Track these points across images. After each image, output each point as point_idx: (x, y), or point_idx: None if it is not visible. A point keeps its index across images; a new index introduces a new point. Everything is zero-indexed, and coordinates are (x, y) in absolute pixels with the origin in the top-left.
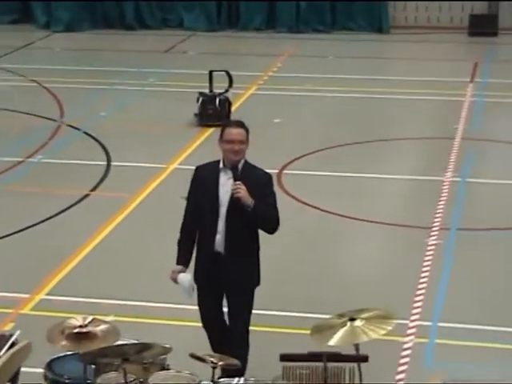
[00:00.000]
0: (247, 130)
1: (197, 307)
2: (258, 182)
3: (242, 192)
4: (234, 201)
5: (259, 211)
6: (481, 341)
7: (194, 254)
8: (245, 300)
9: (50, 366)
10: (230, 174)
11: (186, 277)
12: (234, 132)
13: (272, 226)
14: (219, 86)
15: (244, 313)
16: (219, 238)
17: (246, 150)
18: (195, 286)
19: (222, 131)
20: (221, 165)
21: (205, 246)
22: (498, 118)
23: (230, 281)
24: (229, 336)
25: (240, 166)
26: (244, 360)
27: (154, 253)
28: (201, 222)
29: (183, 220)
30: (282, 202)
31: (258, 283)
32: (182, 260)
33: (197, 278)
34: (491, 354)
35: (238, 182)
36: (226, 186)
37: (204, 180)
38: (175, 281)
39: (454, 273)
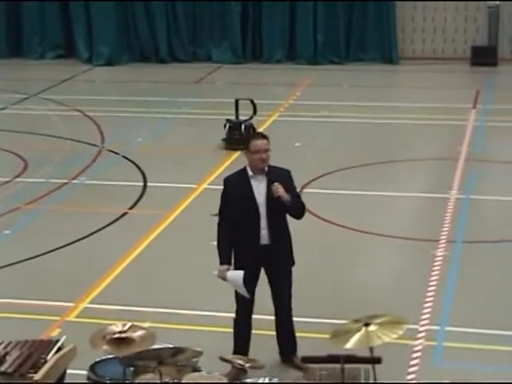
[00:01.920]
0: (268, 140)
1: (225, 314)
2: (283, 179)
3: (281, 191)
4: (274, 199)
5: (294, 203)
6: (486, 343)
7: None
8: (289, 280)
9: (92, 368)
10: (260, 178)
11: (239, 274)
12: (260, 143)
13: (303, 213)
14: (244, 114)
15: (289, 291)
16: (264, 233)
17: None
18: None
19: (248, 144)
20: (250, 173)
21: (251, 243)
22: (498, 141)
23: (278, 266)
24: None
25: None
26: (295, 344)
27: (186, 265)
28: (242, 224)
29: (219, 225)
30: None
31: (293, 263)
32: (226, 259)
33: (245, 272)
34: (495, 355)
35: (276, 184)
36: (259, 189)
37: (237, 188)
38: (224, 278)
39: (459, 281)
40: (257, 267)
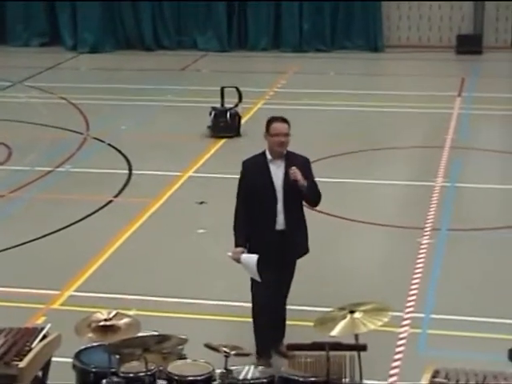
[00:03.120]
0: (289, 125)
1: (211, 301)
2: (302, 165)
3: (299, 175)
4: (290, 183)
5: (311, 189)
6: (470, 331)
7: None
8: (293, 270)
9: (78, 356)
10: (278, 163)
11: (253, 257)
12: (280, 126)
13: (319, 200)
14: (230, 101)
15: (289, 282)
16: (280, 218)
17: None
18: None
19: (268, 126)
20: (269, 157)
21: (267, 227)
22: (483, 129)
23: (293, 253)
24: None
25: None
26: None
27: (172, 253)
28: (259, 208)
29: (236, 208)
30: None
31: (308, 250)
32: (241, 241)
33: (259, 256)
34: (479, 342)
35: (293, 168)
36: (277, 173)
37: (255, 172)
38: (238, 260)
39: (444, 269)
40: (272, 251)
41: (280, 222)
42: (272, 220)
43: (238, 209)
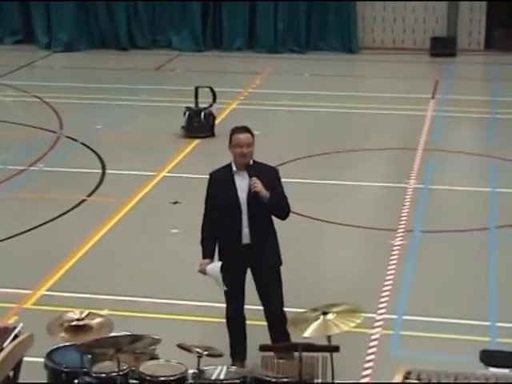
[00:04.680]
0: (253, 135)
1: (184, 302)
2: (267, 176)
3: (259, 186)
4: (253, 195)
5: (274, 201)
6: (441, 332)
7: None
8: (276, 282)
9: (49, 355)
10: (243, 175)
11: (217, 266)
12: (242, 137)
13: (286, 212)
14: (204, 101)
15: (278, 293)
16: (246, 231)
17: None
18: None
19: (231, 137)
20: (234, 168)
21: (232, 241)
22: (456, 131)
23: (261, 267)
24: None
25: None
26: (288, 335)
27: (145, 252)
28: (224, 221)
29: (203, 220)
30: None
31: (280, 263)
32: (208, 254)
33: (226, 270)
34: (451, 344)
35: (253, 178)
36: (242, 185)
37: (221, 183)
38: (204, 272)
39: (417, 271)
40: (241, 265)
41: (246, 236)
42: (238, 233)
43: (205, 220)
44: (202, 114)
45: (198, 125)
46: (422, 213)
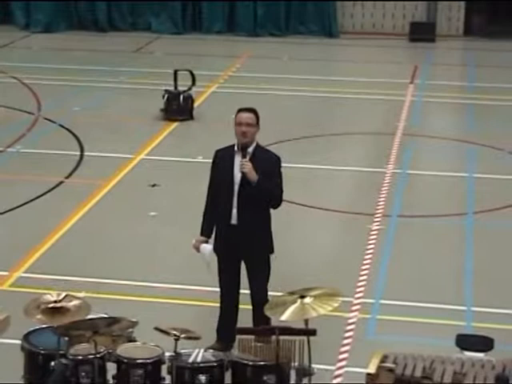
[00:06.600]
0: (257, 116)
1: (161, 284)
2: (267, 162)
3: (247, 168)
4: (243, 177)
5: (264, 186)
6: (417, 316)
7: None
8: (261, 268)
9: (26, 337)
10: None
11: (207, 247)
12: (244, 116)
13: (276, 201)
14: (183, 84)
15: (262, 280)
16: (234, 212)
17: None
18: (215, 257)
19: (235, 116)
20: (235, 148)
21: (223, 220)
22: (434, 116)
23: (245, 250)
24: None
25: (251, 148)
26: (268, 319)
27: (122, 235)
28: (220, 199)
29: (207, 196)
30: None
31: (271, 251)
32: (206, 231)
33: (216, 248)
34: (427, 328)
35: (244, 159)
36: (239, 165)
37: (222, 161)
38: (197, 249)
39: (394, 255)
40: (229, 248)
41: (234, 216)
42: (228, 213)
43: (207, 198)
44: (181, 97)
45: (177, 108)
46: (400, 198)
